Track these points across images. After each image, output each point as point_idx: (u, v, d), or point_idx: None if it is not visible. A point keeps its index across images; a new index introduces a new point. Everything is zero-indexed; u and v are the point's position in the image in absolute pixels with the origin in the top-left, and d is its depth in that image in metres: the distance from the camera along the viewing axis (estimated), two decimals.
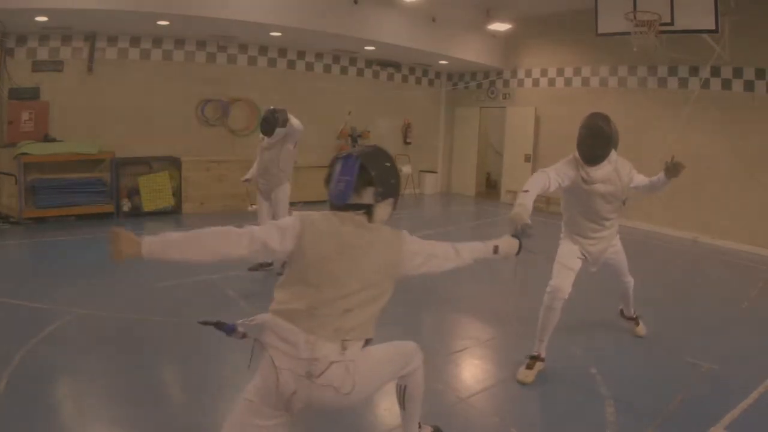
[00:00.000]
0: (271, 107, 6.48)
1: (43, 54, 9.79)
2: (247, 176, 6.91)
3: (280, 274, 6.72)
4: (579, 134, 3.92)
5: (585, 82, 11.97)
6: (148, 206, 10.18)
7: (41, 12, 8.20)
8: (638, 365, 4.35)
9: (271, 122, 6.34)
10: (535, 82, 13.13)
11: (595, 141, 3.83)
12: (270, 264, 6.75)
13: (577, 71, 12.15)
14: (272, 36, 10.76)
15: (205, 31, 10.49)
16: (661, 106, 10.40)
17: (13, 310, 5.09)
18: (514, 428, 3.42)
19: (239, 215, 9.91)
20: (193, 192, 10.73)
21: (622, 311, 5.11)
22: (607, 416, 3.52)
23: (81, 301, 5.39)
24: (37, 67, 9.77)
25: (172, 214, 10.38)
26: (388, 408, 3.54)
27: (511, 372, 4.22)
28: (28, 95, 9.53)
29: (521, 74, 13.45)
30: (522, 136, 13.18)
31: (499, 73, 13.91)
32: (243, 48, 11.76)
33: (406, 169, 14.40)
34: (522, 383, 3.98)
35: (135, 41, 10.53)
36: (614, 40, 9.73)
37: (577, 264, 4.17)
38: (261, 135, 6.58)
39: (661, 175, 4.05)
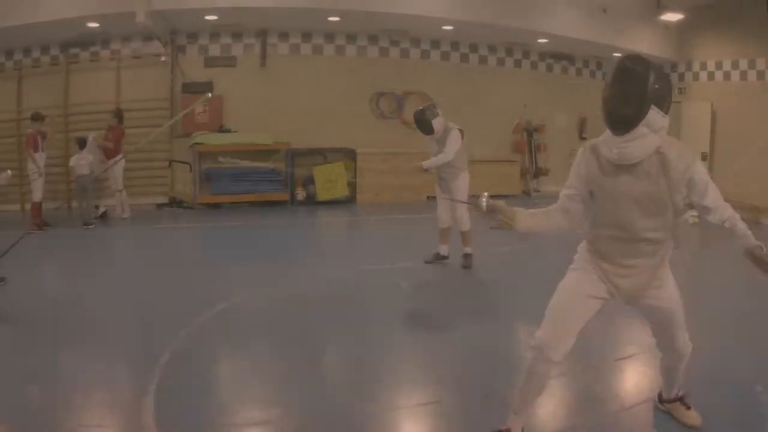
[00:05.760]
0: (420, 108, 6.46)
1: (215, 50, 10.68)
2: (427, 165, 6.44)
3: (465, 267, 6.56)
4: (603, 91, 2.45)
5: (760, 75, 10.69)
6: (322, 195, 10.75)
7: (211, 11, 8.85)
8: None
9: (424, 123, 6.27)
10: (711, 76, 11.91)
11: (624, 89, 2.34)
12: (446, 257, 6.77)
13: (751, 64, 10.88)
14: (444, 29, 10.82)
15: (376, 26, 10.77)
16: None
17: (182, 289, 5.58)
18: None
19: (414, 206, 10.16)
20: (369, 183, 11.10)
21: (660, 396, 3.34)
22: None
23: (250, 284, 5.81)
24: (210, 62, 10.68)
25: (346, 204, 10.85)
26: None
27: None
28: (201, 89, 10.14)
29: (696, 67, 12.29)
30: (698, 132, 12.10)
31: (674, 66, 12.81)
32: (415, 42, 11.92)
33: None
34: None
35: (306, 37, 11.11)
36: None
37: (589, 306, 2.70)
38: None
39: (745, 242, 2.53)
